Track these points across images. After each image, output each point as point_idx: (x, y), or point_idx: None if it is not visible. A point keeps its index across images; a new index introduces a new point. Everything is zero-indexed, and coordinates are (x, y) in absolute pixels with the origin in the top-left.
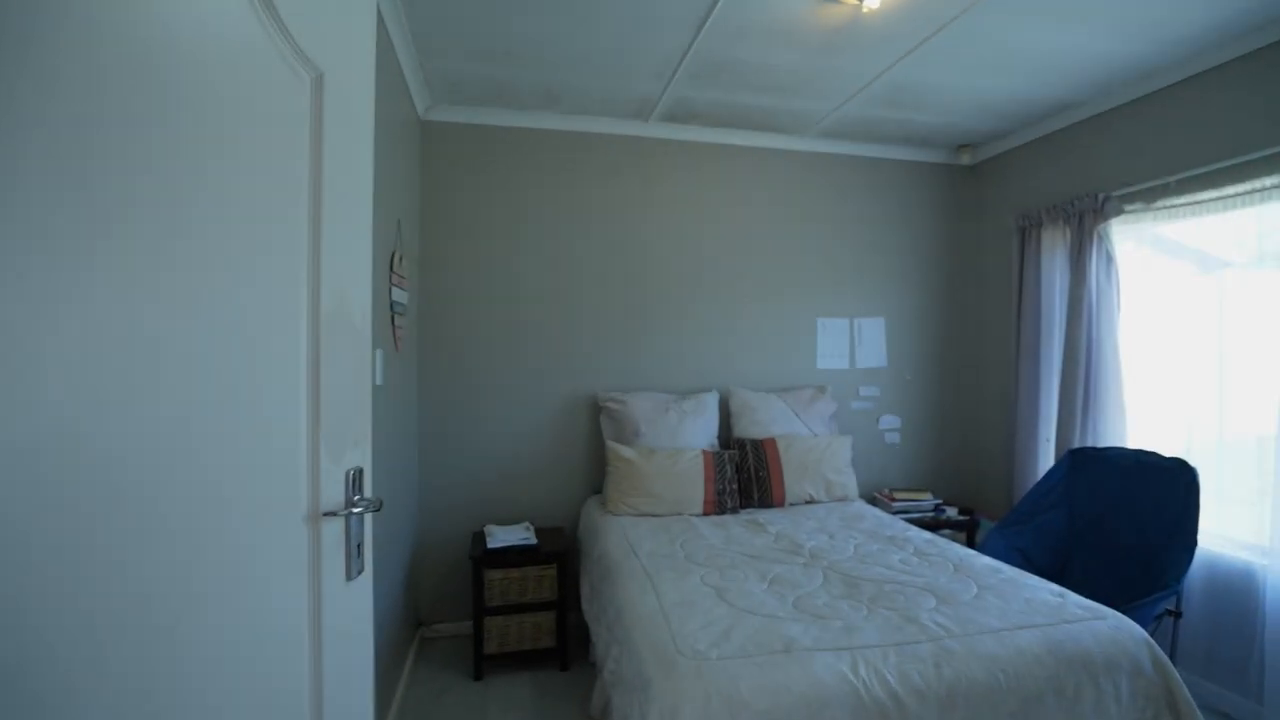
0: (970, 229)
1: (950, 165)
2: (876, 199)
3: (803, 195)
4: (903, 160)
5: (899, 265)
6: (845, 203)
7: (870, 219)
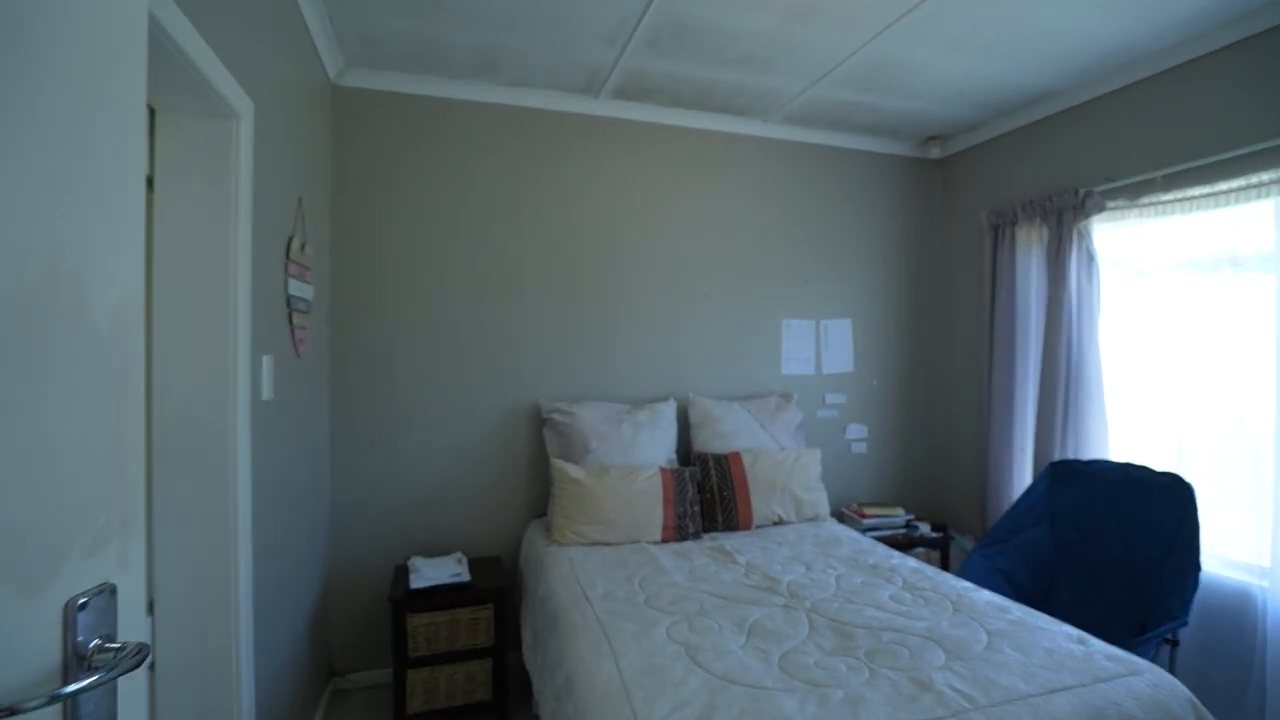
0: (939, 226)
1: (918, 159)
2: (843, 192)
3: (766, 186)
4: (870, 152)
5: (866, 263)
6: (811, 195)
7: (836, 213)
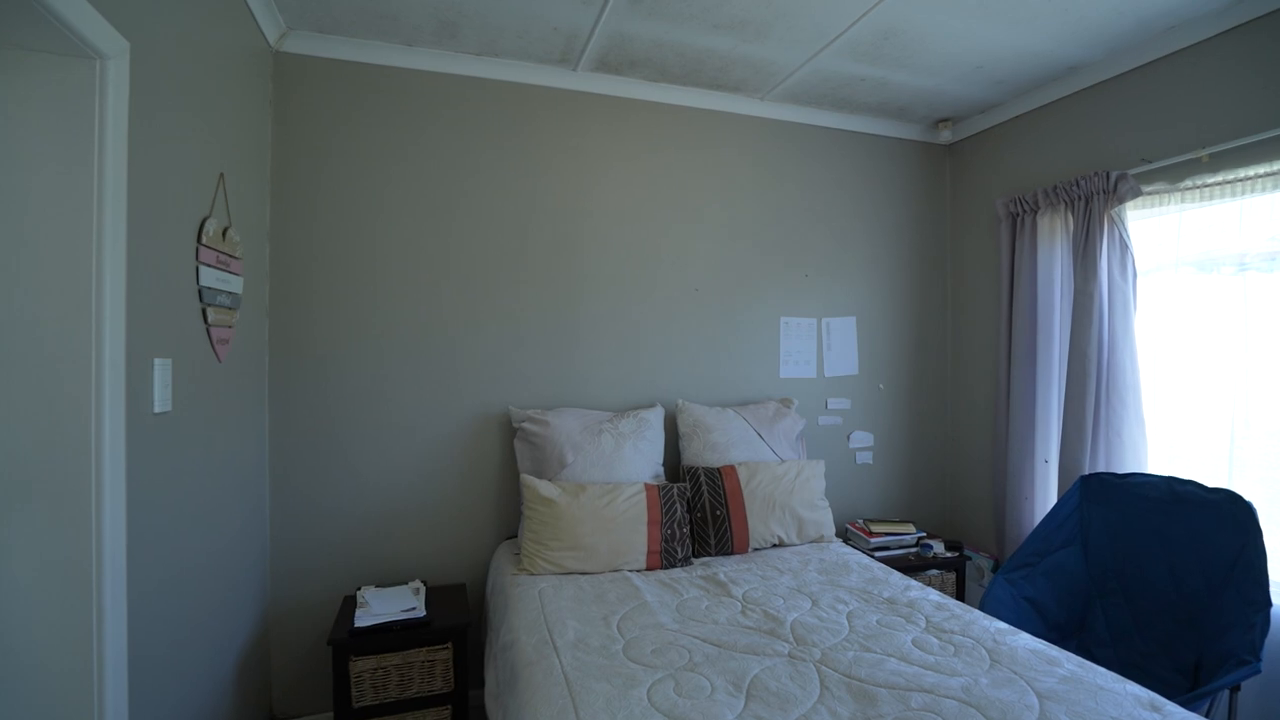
0: (951, 216)
1: (928, 144)
2: (846, 178)
3: (763, 172)
4: (876, 135)
5: (872, 256)
6: (811, 181)
7: (839, 201)
